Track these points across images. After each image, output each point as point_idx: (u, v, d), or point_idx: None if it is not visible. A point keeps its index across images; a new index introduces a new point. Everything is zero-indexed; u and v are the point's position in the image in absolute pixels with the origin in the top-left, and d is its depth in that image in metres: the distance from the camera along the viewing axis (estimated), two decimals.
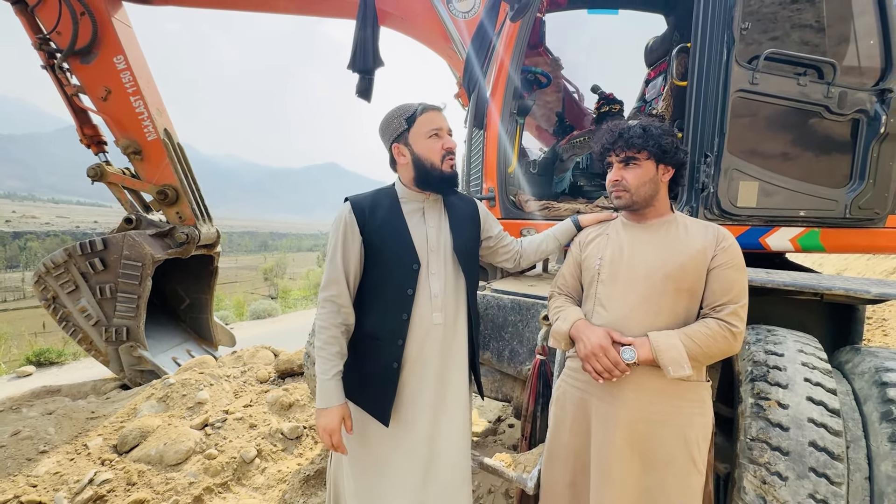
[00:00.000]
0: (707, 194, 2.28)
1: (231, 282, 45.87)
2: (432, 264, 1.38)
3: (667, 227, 1.36)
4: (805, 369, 1.45)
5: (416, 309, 1.35)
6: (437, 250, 1.40)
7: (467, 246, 1.46)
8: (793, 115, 2.26)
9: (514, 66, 2.33)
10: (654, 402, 1.25)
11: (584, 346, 1.28)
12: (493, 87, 2.41)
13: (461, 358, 1.45)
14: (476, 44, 2.34)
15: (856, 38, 2.38)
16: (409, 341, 1.35)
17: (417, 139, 1.37)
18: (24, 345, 10.41)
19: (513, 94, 2.39)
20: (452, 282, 1.41)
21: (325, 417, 1.30)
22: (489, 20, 2.35)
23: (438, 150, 1.37)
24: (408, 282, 1.34)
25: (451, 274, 1.41)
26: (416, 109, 1.37)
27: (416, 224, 1.40)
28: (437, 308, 1.37)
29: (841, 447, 1.29)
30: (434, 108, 1.40)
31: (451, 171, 1.39)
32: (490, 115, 2.42)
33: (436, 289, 1.37)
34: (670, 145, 1.30)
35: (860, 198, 2.29)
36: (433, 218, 1.43)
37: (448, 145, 1.38)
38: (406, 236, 1.37)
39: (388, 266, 1.36)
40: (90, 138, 4.13)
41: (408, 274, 1.34)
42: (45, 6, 3.67)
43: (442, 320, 1.38)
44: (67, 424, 2.80)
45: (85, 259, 3.73)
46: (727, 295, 1.22)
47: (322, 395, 1.31)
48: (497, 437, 3.06)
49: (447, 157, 1.38)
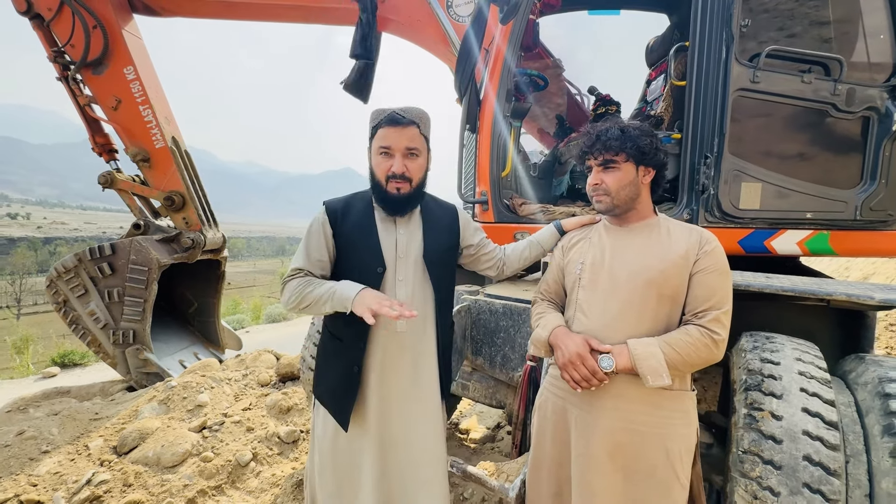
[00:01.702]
0: (707, 196, 2.21)
1: (249, 286, 46.67)
2: (400, 271, 1.36)
3: (649, 230, 1.31)
4: (802, 379, 1.37)
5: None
6: (405, 257, 1.37)
7: (439, 255, 1.43)
8: (797, 114, 2.18)
9: (506, 69, 2.31)
10: (635, 411, 1.20)
11: (562, 353, 1.24)
12: (485, 90, 2.39)
13: (429, 367, 1.42)
14: (466, 46, 2.32)
15: (864, 33, 2.29)
16: (371, 346, 1.34)
17: (373, 152, 1.35)
18: (52, 346, 10.76)
19: (506, 96, 2.37)
20: (420, 290, 1.39)
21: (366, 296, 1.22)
22: (479, 22, 2.34)
23: (384, 171, 1.32)
24: (370, 284, 1.32)
25: (420, 282, 1.39)
26: (379, 121, 1.32)
27: (386, 229, 1.38)
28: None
29: (838, 462, 1.22)
30: (393, 124, 1.30)
31: (395, 194, 1.33)
32: (482, 117, 2.40)
33: (402, 296, 1.35)
34: (649, 146, 1.25)
35: (871, 199, 2.19)
36: (405, 225, 1.41)
37: (394, 168, 1.30)
38: (374, 240, 1.35)
39: (353, 268, 1.35)
40: (102, 147, 4.26)
41: (371, 277, 1.33)
42: (60, 20, 3.81)
43: (406, 328, 1.35)
44: (71, 425, 2.86)
45: (94, 264, 3.84)
46: (709, 301, 1.17)
47: (344, 292, 1.24)
48: (495, 444, 3.01)
49: (391, 180, 1.32)
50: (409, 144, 1.32)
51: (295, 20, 4.21)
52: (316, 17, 4.11)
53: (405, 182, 1.32)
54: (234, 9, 3.99)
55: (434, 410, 1.43)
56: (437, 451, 1.45)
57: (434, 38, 3.65)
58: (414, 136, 1.33)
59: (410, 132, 1.32)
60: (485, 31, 2.41)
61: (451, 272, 1.50)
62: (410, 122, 1.31)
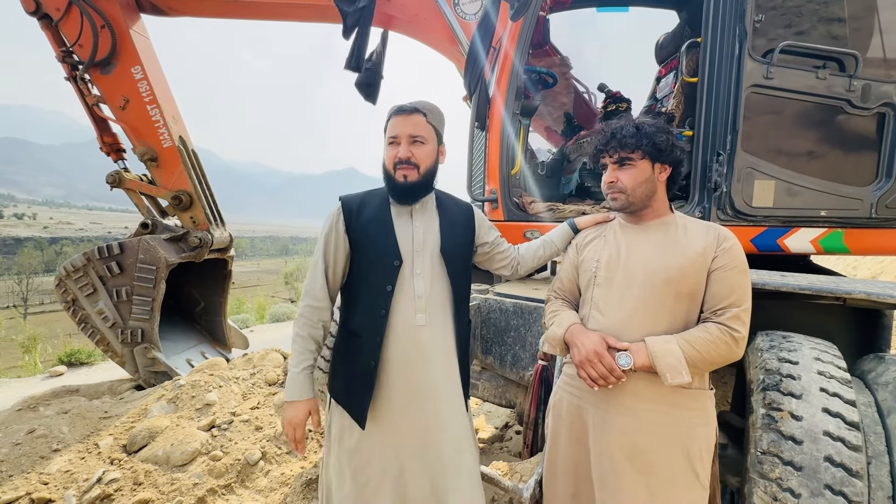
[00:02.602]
0: (720, 194, 2.18)
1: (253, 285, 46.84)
2: (417, 264, 1.35)
3: (665, 228, 1.29)
4: (821, 378, 1.35)
5: (398, 307, 1.33)
6: (423, 251, 1.37)
7: (456, 249, 1.42)
8: (811, 111, 2.15)
9: (516, 66, 2.29)
10: (652, 410, 1.19)
11: (579, 351, 1.22)
12: (494, 88, 2.37)
13: (449, 362, 1.40)
14: (476, 43, 2.31)
15: (881, 28, 2.25)
16: (388, 340, 1.32)
17: (385, 144, 1.38)
18: (59, 345, 10.83)
19: (515, 94, 2.35)
20: (439, 284, 1.38)
21: (291, 411, 1.34)
22: (489, 19, 2.32)
23: (392, 159, 1.34)
24: (388, 278, 1.32)
25: (438, 276, 1.38)
26: (389, 115, 1.35)
27: (402, 223, 1.38)
28: (421, 309, 1.33)
29: (860, 463, 1.19)
30: (400, 113, 1.34)
31: (402, 182, 1.34)
32: (492, 115, 2.38)
33: (420, 289, 1.34)
34: (665, 143, 1.24)
35: (887, 196, 2.16)
36: (422, 220, 1.41)
37: (399, 154, 1.32)
38: (390, 233, 1.35)
39: (370, 262, 1.35)
40: (110, 146, 4.27)
41: (388, 270, 1.33)
42: (68, 20, 3.82)
43: (425, 321, 1.34)
44: (81, 424, 2.87)
45: (102, 263, 3.85)
46: (728, 298, 1.15)
47: (290, 388, 1.35)
48: (504, 443, 2.99)
49: (399, 167, 1.33)
50: (414, 132, 1.33)
51: (304, 19, 4.20)
52: (327, 16, 4.09)
53: (412, 168, 1.33)
54: (243, 8, 3.98)
55: (458, 404, 1.40)
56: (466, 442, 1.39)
57: (441, 36, 3.63)
58: (419, 123, 1.34)
59: (415, 119, 1.33)
60: (494, 29, 2.40)
61: (467, 268, 1.50)
62: (415, 111, 1.33)
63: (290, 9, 3.96)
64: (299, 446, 1.35)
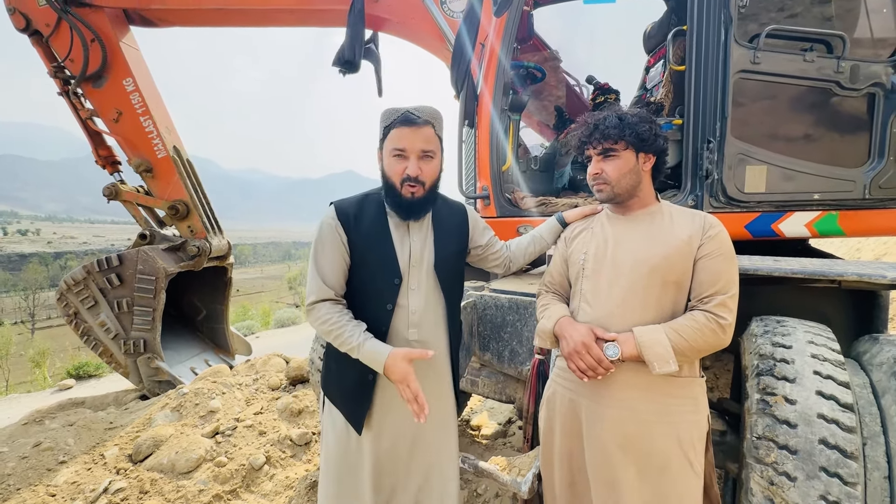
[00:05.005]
0: (712, 181, 2.18)
1: (257, 291, 47.00)
2: (412, 280, 1.32)
3: (652, 217, 1.29)
4: (815, 361, 1.35)
5: (394, 323, 1.31)
6: (418, 265, 1.34)
7: (450, 263, 1.40)
8: (801, 94, 2.14)
9: (502, 62, 2.29)
10: (643, 399, 1.19)
11: (567, 343, 1.23)
12: (482, 84, 2.37)
13: (442, 369, 1.41)
14: (462, 39, 2.31)
15: (867, 8, 2.24)
16: None
17: (386, 154, 1.28)
18: (67, 359, 10.91)
19: (503, 89, 2.35)
20: (433, 299, 1.36)
21: (394, 373, 1.18)
22: (474, 14, 2.32)
23: (398, 174, 1.26)
24: (388, 296, 1.29)
25: (432, 290, 1.36)
26: (393, 121, 1.25)
27: (400, 236, 1.34)
28: (414, 324, 1.32)
29: (855, 444, 1.19)
30: (408, 125, 1.23)
31: (409, 198, 1.27)
32: (480, 112, 2.38)
33: (414, 305, 1.32)
34: (648, 133, 1.23)
35: (880, 177, 2.14)
36: (418, 231, 1.36)
37: (409, 171, 1.25)
38: (390, 250, 1.31)
39: (370, 279, 1.32)
40: (105, 159, 4.30)
41: (389, 288, 1.30)
42: (58, 36, 3.84)
43: (418, 336, 1.33)
44: (86, 435, 2.90)
45: (103, 275, 3.88)
46: (715, 286, 1.15)
47: (372, 359, 1.21)
48: (507, 439, 3.00)
49: (406, 183, 1.26)
50: (425, 146, 1.26)
51: (289, 24, 4.21)
52: (309, 19, 4.11)
53: (419, 185, 1.27)
54: (228, 16, 4.00)
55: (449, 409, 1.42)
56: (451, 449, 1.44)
57: (429, 35, 3.63)
58: (429, 136, 1.27)
59: (426, 133, 1.26)
60: (479, 23, 2.39)
61: (460, 277, 1.48)
62: (426, 123, 1.25)
63: (273, 14, 3.97)
64: (419, 399, 1.18)
